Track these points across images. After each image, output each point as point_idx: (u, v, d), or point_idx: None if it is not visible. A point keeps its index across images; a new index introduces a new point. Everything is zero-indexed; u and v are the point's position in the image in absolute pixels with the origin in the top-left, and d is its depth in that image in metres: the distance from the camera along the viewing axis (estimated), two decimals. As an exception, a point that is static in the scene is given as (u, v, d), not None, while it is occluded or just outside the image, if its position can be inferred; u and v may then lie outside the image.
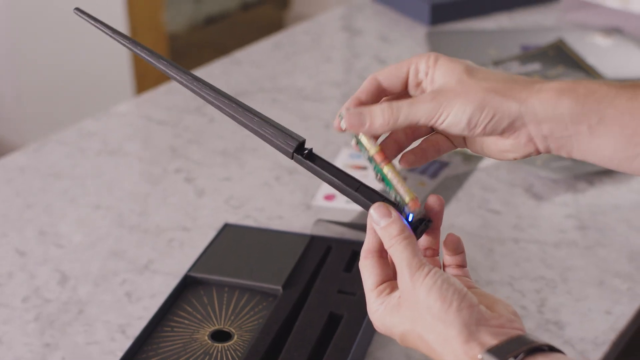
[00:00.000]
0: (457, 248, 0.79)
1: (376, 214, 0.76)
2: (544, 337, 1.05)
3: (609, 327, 1.08)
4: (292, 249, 1.12)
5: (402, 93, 0.80)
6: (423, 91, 0.79)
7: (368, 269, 0.77)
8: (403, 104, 0.76)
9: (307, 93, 1.69)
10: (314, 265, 1.09)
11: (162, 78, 3.24)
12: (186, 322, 1.01)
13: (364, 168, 1.41)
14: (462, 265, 0.79)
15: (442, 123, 0.75)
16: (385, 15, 2.06)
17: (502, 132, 0.76)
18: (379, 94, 0.80)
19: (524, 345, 0.67)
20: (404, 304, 0.73)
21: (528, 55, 1.77)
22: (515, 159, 0.79)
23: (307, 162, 0.81)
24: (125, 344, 1.05)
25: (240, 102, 0.84)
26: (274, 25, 4.23)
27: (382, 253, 0.77)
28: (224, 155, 1.47)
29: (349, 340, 0.97)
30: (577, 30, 1.92)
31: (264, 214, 1.31)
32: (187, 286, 1.07)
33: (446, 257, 0.79)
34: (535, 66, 1.72)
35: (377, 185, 0.85)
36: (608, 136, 0.73)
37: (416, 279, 0.72)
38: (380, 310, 0.75)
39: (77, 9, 0.92)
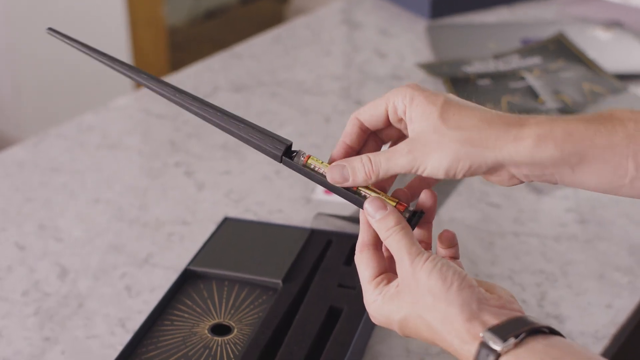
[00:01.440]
0: (451, 242, 0.80)
1: (371, 207, 0.77)
2: (544, 331, 1.05)
3: (609, 320, 1.08)
4: (292, 242, 1.12)
5: (386, 128, 0.82)
6: (405, 126, 0.80)
7: (364, 262, 0.77)
8: (381, 158, 0.77)
9: (307, 87, 1.69)
10: (314, 259, 1.09)
11: (162, 72, 3.24)
12: (186, 315, 1.01)
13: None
14: (454, 257, 0.80)
15: (422, 173, 0.77)
16: (385, 8, 2.05)
17: (485, 174, 0.77)
18: (363, 134, 0.82)
19: (525, 325, 0.68)
20: (404, 290, 0.74)
21: (528, 48, 1.77)
22: (501, 186, 0.81)
23: (296, 164, 0.82)
24: (125, 337, 1.05)
25: (225, 110, 0.86)
26: (274, 19, 4.22)
27: (377, 246, 0.78)
28: (224, 149, 1.47)
29: (349, 334, 0.97)
30: (578, 24, 1.92)
31: (264, 207, 1.30)
32: (187, 280, 1.07)
33: (439, 249, 0.80)
34: (535, 60, 1.72)
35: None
36: (591, 173, 0.74)
37: (416, 263, 0.73)
38: (379, 300, 0.75)
39: (50, 28, 0.93)
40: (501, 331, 0.68)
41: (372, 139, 0.83)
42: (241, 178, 1.38)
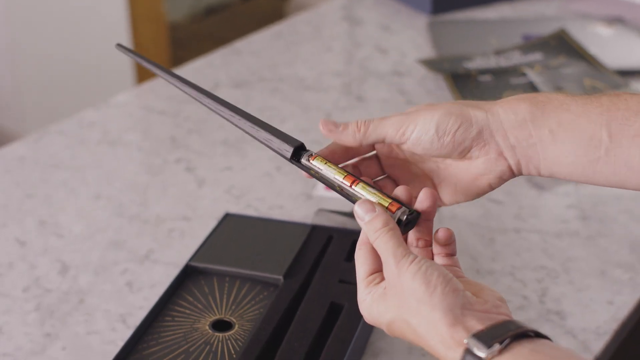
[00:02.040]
0: (446, 240, 0.79)
1: (360, 209, 0.77)
2: (545, 328, 1.05)
3: (610, 317, 1.08)
4: (293, 238, 1.12)
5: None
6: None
7: (360, 259, 0.77)
8: (374, 119, 0.80)
9: (308, 83, 1.69)
10: (315, 255, 1.09)
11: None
12: (187, 311, 1.01)
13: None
14: (451, 254, 0.79)
15: (410, 135, 0.78)
16: (386, 4, 2.05)
17: (472, 145, 0.78)
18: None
19: (510, 330, 0.67)
20: (390, 292, 0.73)
21: (530, 44, 1.76)
22: (490, 186, 0.81)
23: (302, 164, 0.82)
24: (126, 333, 1.04)
25: (240, 109, 0.88)
26: (275, 15, 4.22)
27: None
28: (225, 145, 1.47)
29: (350, 330, 0.97)
30: (579, 20, 1.91)
31: (265, 203, 1.30)
32: (188, 276, 1.07)
33: (434, 246, 0.79)
34: (537, 56, 1.72)
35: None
36: (569, 141, 0.76)
37: (401, 265, 0.72)
38: (368, 300, 0.75)
39: (119, 44, 0.94)
40: (485, 337, 0.66)
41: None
42: (242, 174, 1.38)
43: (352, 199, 0.79)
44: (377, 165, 0.85)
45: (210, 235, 1.13)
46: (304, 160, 0.82)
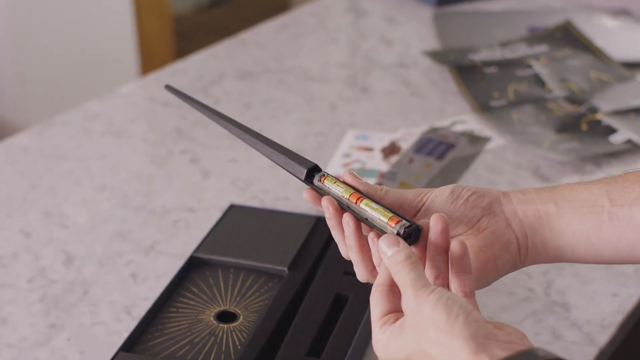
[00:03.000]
0: (462, 251, 0.76)
1: (384, 244, 0.76)
2: (550, 320, 1.05)
3: (615, 309, 1.08)
4: (298, 230, 1.11)
5: None
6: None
7: (375, 300, 0.76)
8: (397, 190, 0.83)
9: (313, 74, 1.69)
10: (320, 247, 1.09)
11: (167, 59, 3.24)
12: (192, 303, 1.01)
13: (370, 149, 1.40)
14: (469, 294, 0.77)
15: (426, 199, 0.81)
16: (392, -4, 2.05)
17: (482, 215, 0.81)
18: None
19: (538, 357, 0.65)
20: (408, 324, 0.71)
21: (535, 36, 1.76)
22: (495, 260, 0.80)
23: (315, 186, 0.84)
24: (131, 324, 1.04)
25: (257, 133, 0.92)
26: (279, 7, 4.22)
27: (392, 287, 0.76)
28: (230, 137, 1.46)
29: (355, 321, 0.96)
30: (585, 12, 1.91)
31: (270, 195, 1.30)
32: (193, 267, 1.07)
33: (452, 283, 0.77)
34: (542, 48, 1.71)
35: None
36: (573, 210, 0.81)
37: (420, 295, 0.70)
38: (384, 339, 0.73)
39: (167, 86, 1.00)
40: None
41: None
42: (247, 166, 1.38)
43: (358, 215, 0.80)
44: None
45: (215, 226, 1.13)
46: (315, 181, 0.84)
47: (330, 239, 1.10)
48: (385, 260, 0.75)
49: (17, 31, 2.99)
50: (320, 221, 1.13)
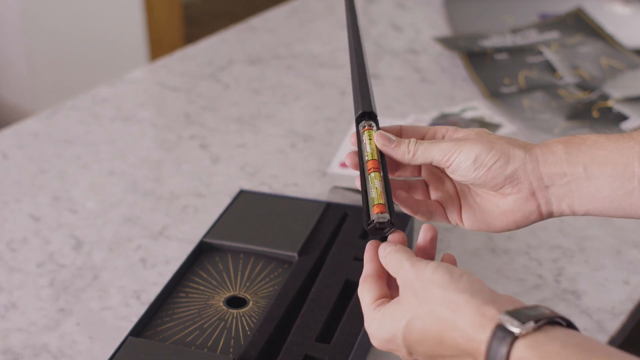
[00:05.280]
0: (433, 237, 0.80)
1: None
2: (560, 307, 1.04)
3: (626, 297, 1.07)
4: (308, 215, 1.11)
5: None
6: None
7: (365, 290, 0.77)
8: (424, 141, 0.82)
9: (322, 60, 1.68)
10: (330, 232, 1.09)
11: (177, 45, 3.23)
12: (201, 288, 1.01)
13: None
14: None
15: (452, 162, 0.80)
16: (402, -18, 2.04)
17: (505, 183, 0.79)
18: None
19: (545, 313, 0.65)
20: (406, 294, 0.72)
21: (546, 23, 1.75)
22: (516, 224, 0.82)
23: (359, 131, 0.84)
24: (140, 309, 1.04)
25: (362, 57, 0.91)
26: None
27: (380, 276, 0.78)
28: (239, 122, 1.46)
29: (365, 307, 0.96)
30: (596, -1, 1.90)
31: (279, 180, 1.30)
32: (202, 252, 1.07)
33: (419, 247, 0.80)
34: (553, 34, 1.70)
35: None
36: (603, 175, 0.77)
37: (418, 265, 0.72)
38: (378, 316, 0.73)
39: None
40: (520, 315, 0.64)
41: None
42: (256, 151, 1.38)
43: (364, 183, 0.80)
44: (417, 167, 0.86)
45: (225, 211, 1.13)
46: (360, 126, 0.84)
47: (339, 225, 1.10)
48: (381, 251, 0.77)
49: (27, 17, 2.99)
50: (330, 207, 1.13)
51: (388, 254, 0.76)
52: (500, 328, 0.64)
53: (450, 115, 1.46)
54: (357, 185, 0.82)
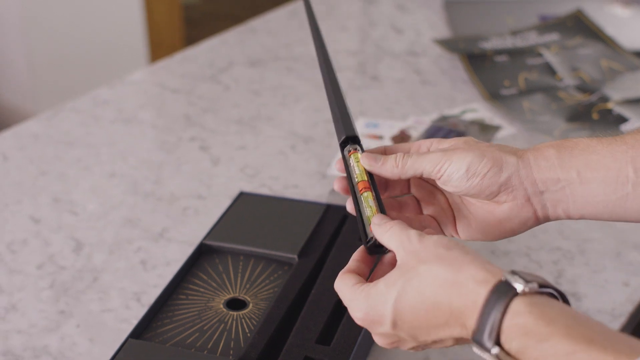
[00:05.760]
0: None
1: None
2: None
3: (626, 298, 1.07)
4: (308, 217, 1.11)
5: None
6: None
7: (346, 277, 0.77)
8: (412, 154, 0.81)
9: (323, 62, 1.68)
10: (330, 234, 1.09)
11: (177, 47, 3.23)
12: (201, 290, 1.01)
13: (380, 137, 1.40)
14: None
15: (444, 173, 0.79)
16: (402, -16, 2.04)
17: (499, 191, 0.79)
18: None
19: (547, 283, 0.66)
20: (406, 259, 0.71)
21: (546, 25, 1.75)
22: (513, 232, 0.81)
23: (345, 156, 0.85)
24: (140, 311, 1.04)
25: (336, 82, 0.91)
26: (289, -5, 4.20)
27: (361, 274, 0.78)
28: (239, 124, 1.46)
29: (365, 309, 0.96)
30: (596, 1, 1.90)
31: (279, 182, 1.30)
32: (203, 254, 1.07)
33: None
34: (553, 36, 1.70)
35: None
36: (596, 181, 0.77)
37: (425, 236, 0.72)
38: (365, 290, 0.73)
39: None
40: (525, 275, 0.65)
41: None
42: (256, 153, 1.38)
43: (357, 203, 0.81)
44: (405, 183, 0.86)
45: (225, 213, 1.13)
46: (345, 151, 0.85)
47: (340, 227, 1.10)
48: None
49: (27, 18, 2.99)
50: (330, 209, 1.13)
51: (393, 226, 0.75)
52: (504, 283, 0.65)
53: (450, 117, 1.46)
54: (350, 209, 0.82)
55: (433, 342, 0.71)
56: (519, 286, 0.65)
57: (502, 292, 0.65)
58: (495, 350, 0.64)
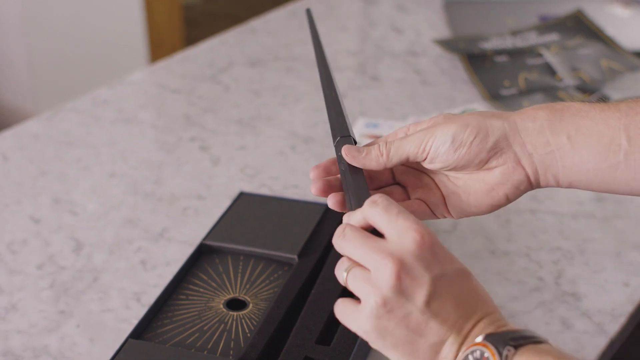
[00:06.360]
0: None
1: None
2: (560, 309, 1.04)
3: (626, 298, 1.07)
4: (308, 218, 1.11)
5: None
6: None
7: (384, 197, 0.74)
8: (394, 140, 0.79)
9: (323, 62, 1.68)
10: (330, 234, 1.08)
11: (177, 47, 3.24)
12: (201, 290, 1.01)
13: (380, 137, 1.40)
14: None
15: (429, 150, 0.77)
16: (402, -16, 2.04)
17: (489, 157, 0.77)
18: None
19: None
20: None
21: (546, 25, 1.75)
22: (507, 198, 0.79)
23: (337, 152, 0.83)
24: (140, 311, 1.04)
25: (335, 88, 0.88)
26: (289, -5, 4.20)
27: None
28: (239, 124, 1.46)
29: (365, 309, 0.96)
30: (596, 1, 1.90)
31: (279, 182, 1.30)
32: (203, 254, 1.07)
33: None
34: (553, 37, 1.70)
35: None
36: (588, 147, 0.75)
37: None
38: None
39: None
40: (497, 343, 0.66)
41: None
42: (256, 153, 1.38)
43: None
44: (389, 172, 0.85)
45: (225, 214, 1.13)
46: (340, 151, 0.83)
47: (340, 227, 1.10)
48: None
49: (27, 18, 2.99)
50: (329, 209, 1.13)
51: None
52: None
53: (451, 117, 1.46)
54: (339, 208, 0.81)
55: (425, 322, 0.68)
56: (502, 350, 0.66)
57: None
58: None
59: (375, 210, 0.71)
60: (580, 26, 1.74)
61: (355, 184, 0.79)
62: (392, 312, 0.68)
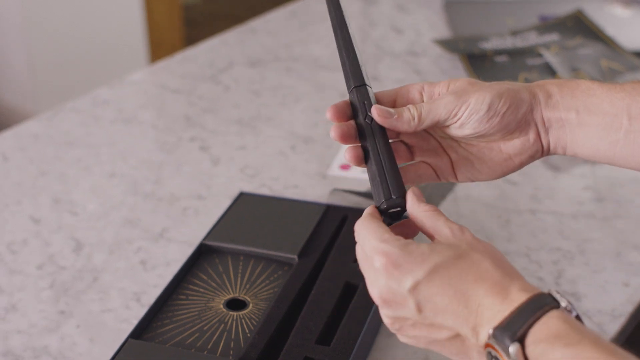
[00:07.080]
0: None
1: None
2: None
3: (626, 299, 1.08)
4: (308, 218, 1.11)
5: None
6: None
7: (376, 222, 0.75)
8: (424, 103, 0.79)
9: (323, 62, 1.68)
10: (330, 235, 1.09)
11: (177, 47, 3.23)
12: (201, 290, 1.01)
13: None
14: None
15: (460, 116, 0.78)
16: (402, -16, 2.04)
17: (515, 127, 0.79)
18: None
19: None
20: (457, 242, 0.70)
21: (546, 25, 1.75)
22: (522, 165, 0.82)
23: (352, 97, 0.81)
24: (140, 311, 1.04)
25: (351, 42, 0.88)
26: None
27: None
28: (239, 124, 1.46)
29: (365, 310, 0.96)
30: (596, 1, 1.90)
31: (279, 183, 1.30)
32: (203, 254, 1.07)
33: None
34: (553, 37, 1.70)
35: None
36: (593, 125, 0.79)
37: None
38: (402, 241, 0.71)
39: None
40: (567, 297, 0.69)
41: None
42: (256, 153, 1.38)
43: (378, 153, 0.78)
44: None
45: (225, 214, 1.13)
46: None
47: (339, 228, 1.10)
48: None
49: (27, 18, 2.99)
50: (330, 209, 1.13)
51: (437, 211, 0.74)
52: (548, 295, 0.66)
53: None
54: (357, 163, 0.80)
55: (431, 324, 0.69)
56: (563, 302, 0.66)
57: (545, 301, 0.65)
58: (514, 348, 0.64)
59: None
60: (580, 26, 1.74)
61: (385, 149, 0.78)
62: (403, 329, 0.72)
